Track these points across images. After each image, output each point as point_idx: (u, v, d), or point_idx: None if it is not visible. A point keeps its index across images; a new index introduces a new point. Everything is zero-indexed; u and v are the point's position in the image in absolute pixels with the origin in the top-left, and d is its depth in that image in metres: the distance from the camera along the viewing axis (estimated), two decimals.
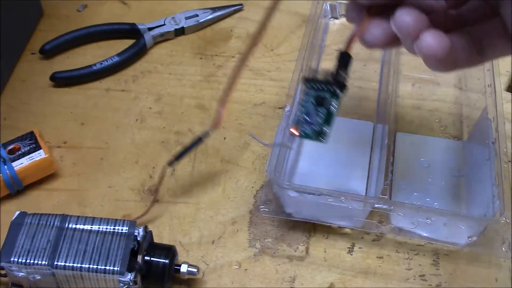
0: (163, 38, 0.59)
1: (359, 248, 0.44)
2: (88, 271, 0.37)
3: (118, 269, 0.37)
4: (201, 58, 0.57)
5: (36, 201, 0.46)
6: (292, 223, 0.45)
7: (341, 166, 0.47)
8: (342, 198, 0.40)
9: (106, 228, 0.39)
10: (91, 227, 0.39)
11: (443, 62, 0.31)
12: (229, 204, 0.46)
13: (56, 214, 0.39)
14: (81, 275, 0.37)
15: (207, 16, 0.60)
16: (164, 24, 0.59)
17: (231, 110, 0.53)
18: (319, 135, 0.35)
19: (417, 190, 0.46)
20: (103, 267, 0.37)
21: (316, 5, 0.50)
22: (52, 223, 0.39)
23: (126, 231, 0.39)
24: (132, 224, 0.39)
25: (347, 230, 0.45)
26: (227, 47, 0.58)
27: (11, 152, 0.46)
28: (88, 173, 0.48)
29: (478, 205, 0.43)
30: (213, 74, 0.56)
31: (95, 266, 0.37)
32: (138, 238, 0.39)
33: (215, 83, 0.55)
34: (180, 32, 0.59)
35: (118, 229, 0.39)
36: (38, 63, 0.57)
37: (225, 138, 0.51)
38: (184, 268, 0.40)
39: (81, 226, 0.39)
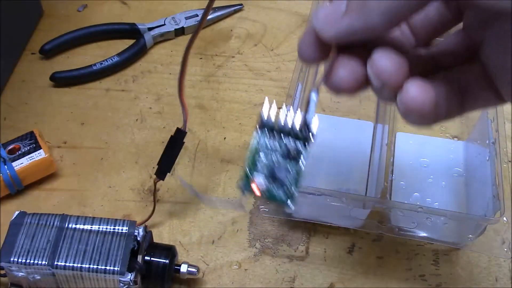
0: (163, 38, 0.59)
1: (359, 248, 0.44)
2: (88, 271, 0.37)
3: (119, 269, 0.37)
4: (201, 58, 0.57)
5: (36, 201, 0.46)
6: (292, 223, 0.45)
7: (341, 166, 0.47)
8: (342, 198, 0.40)
9: (106, 228, 0.39)
10: (91, 227, 0.39)
11: (426, 117, 0.27)
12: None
13: (56, 214, 0.39)
14: (81, 275, 0.37)
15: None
16: (164, 24, 0.59)
17: (231, 110, 0.53)
18: (288, 198, 0.28)
19: (417, 190, 0.46)
20: (103, 267, 0.37)
21: (316, 5, 0.50)
22: (52, 223, 0.39)
23: (126, 231, 0.39)
24: (132, 224, 0.39)
25: (347, 230, 0.45)
26: (227, 47, 0.58)
27: (11, 152, 0.46)
28: (88, 173, 0.48)
29: (478, 205, 0.43)
30: (213, 74, 0.56)
31: (95, 266, 0.37)
32: (138, 238, 0.39)
33: (215, 83, 0.55)
34: (180, 32, 0.59)
35: (118, 229, 0.39)
36: (38, 63, 0.57)
37: (225, 138, 0.51)
38: (184, 268, 0.40)
39: (81, 226, 0.39)
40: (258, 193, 0.29)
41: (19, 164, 0.45)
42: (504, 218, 0.38)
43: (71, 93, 0.54)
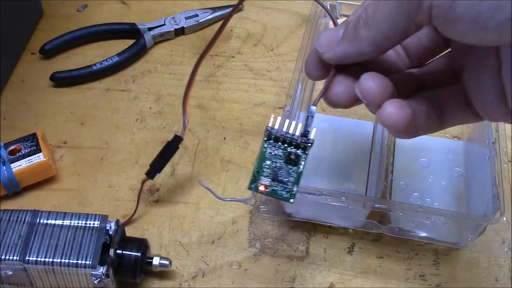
0: (163, 38, 0.59)
1: (359, 248, 0.44)
2: (60, 266, 0.37)
3: (90, 262, 0.37)
4: None
5: (36, 201, 0.46)
6: (292, 223, 0.45)
7: (341, 166, 0.47)
8: (342, 198, 0.40)
9: (78, 223, 0.39)
10: (63, 222, 0.39)
11: (404, 132, 0.31)
12: (229, 204, 0.46)
13: (28, 210, 0.39)
14: (53, 270, 0.37)
15: (207, 16, 0.60)
16: (164, 24, 0.59)
17: (231, 110, 0.53)
18: (290, 196, 0.34)
19: (417, 190, 0.46)
20: (74, 261, 0.37)
21: (316, 5, 0.50)
22: (23, 219, 0.39)
23: (98, 225, 0.39)
24: (104, 218, 0.39)
25: (347, 230, 0.45)
26: (227, 47, 0.58)
27: (12, 152, 0.46)
28: (88, 173, 0.48)
29: (478, 205, 0.43)
30: (213, 74, 0.56)
31: (66, 261, 0.37)
32: (110, 232, 0.39)
33: (215, 83, 0.55)
34: (180, 32, 0.59)
35: (90, 224, 0.39)
36: (38, 63, 0.57)
37: (225, 138, 0.51)
38: (156, 260, 0.40)
39: (53, 221, 0.39)
40: (264, 192, 0.34)
41: (18, 166, 0.45)
42: (504, 218, 0.38)
43: (71, 93, 0.54)
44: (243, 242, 0.44)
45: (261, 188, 0.34)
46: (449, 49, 0.34)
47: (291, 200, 0.34)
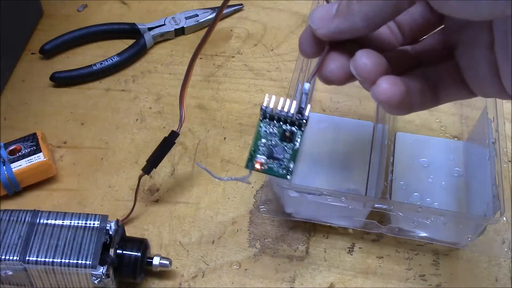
0: (163, 38, 0.59)
1: (359, 248, 0.44)
2: (60, 266, 0.37)
3: (90, 262, 0.37)
4: (201, 58, 0.57)
5: (36, 201, 0.46)
6: (292, 223, 0.45)
7: (341, 166, 0.47)
8: (342, 198, 0.40)
9: (78, 223, 0.39)
10: (63, 222, 0.39)
11: (398, 108, 0.31)
12: (229, 204, 0.46)
13: (28, 210, 0.40)
14: (53, 270, 0.37)
15: (207, 16, 0.60)
16: (164, 24, 0.59)
17: (231, 110, 0.53)
18: (286, 172, 0.34)
19: (417, 190, 0.46)
20: (75, 261, 0.37)
21: (316, 5, 0.50)
22: (23, 219, 0.39)
23: (98, 225, 0.39)
24: (104, 218, 0.39)
25: (347, 230, 0.45)
26: (227, 47, 0.58)
27: (12, 152, 0.46)
28: (88, 173, 0.48)
29: (478, 205, 0.43)
30: (213, 74, 0.56)
31: (67, 261, 0.37)
32: (110, 232, 0.39)
33: (215, 83, 0.55)
34: (180, 32, 0.59)
35: (90, 224, 0.39)
36: (38, 63, 0.57)
37: (225, 138, 0.51)
38: (156, 260, 0.40)
39: (53, 221, 0.39)
40: (260, 170, 0.34)
41: (18, 166, 0.45)
42: (504, 218, 0.38)
43: (71, 93, 0.54)
44: (243, 242, 0.44)
45: (257, 166, 0.34)
46: (443, 26, 0.34)
47: (288, 177, 0.34)
